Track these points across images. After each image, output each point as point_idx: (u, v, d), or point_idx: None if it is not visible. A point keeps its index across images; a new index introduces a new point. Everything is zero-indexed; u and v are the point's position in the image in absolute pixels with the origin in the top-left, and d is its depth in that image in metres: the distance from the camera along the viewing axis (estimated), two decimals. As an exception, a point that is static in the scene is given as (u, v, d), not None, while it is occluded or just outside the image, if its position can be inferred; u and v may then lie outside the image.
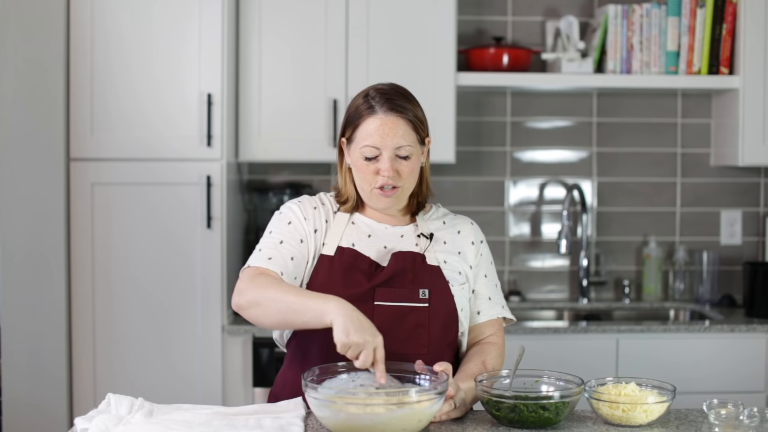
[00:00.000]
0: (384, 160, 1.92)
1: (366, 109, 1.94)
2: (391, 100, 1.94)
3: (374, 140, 1.92)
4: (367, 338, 1.72)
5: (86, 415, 1.74)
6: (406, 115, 1.94)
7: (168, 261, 3.18)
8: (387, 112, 1.92)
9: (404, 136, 1.93)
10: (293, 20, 3.38)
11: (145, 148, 3.17)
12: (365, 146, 1.93)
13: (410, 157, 1.95)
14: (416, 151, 1.96)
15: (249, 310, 1.87)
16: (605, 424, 1.80)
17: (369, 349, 1.72)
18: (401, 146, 1.92)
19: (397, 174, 1.93)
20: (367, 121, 1.93)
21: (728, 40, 3.52)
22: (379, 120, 1.92)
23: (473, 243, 2.06)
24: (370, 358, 1.72)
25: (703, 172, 3.82)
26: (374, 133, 1.92)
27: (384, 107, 1.93)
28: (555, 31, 3.63)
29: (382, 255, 1.97)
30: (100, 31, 3.15)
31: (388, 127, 1.92)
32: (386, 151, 1.92)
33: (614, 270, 3.82)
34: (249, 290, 1.87)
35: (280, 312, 1.82)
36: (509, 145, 3.78)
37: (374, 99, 1.94)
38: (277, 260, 1.93)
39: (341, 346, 1.73)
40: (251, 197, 3.66)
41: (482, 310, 2.05)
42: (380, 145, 1.92)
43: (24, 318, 3.14)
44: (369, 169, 1.94)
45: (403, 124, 1.93)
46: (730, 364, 3.27)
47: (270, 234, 1.99)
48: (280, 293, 1.83)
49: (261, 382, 3.19)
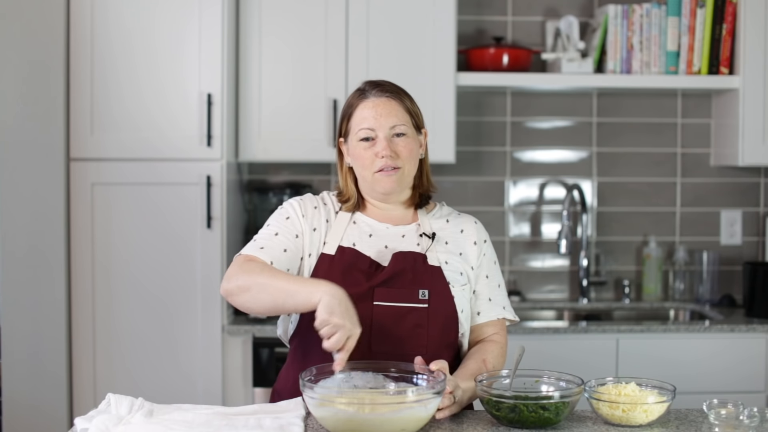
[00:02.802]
0: (380, 140, 1.96)
1: (358, 98, 2.01)
2: (382, 86, 2.01)
3: (369, 122, 1.96)
4: (347, 324, 1.74)
5: (86, 415, 1.74)
6: (399, 99, 1.99)
7: (168, 261, 3.18)
8: (379, 95, 1.99)
9: (398, 116, 1.98)
10: (293, 20, 3.38)
11: (145, 148, 3.17)
12: (361, 129, 1.97)
13: (406, 135, 1.98)
14: (412, 133, 2.00)
15: (238, 296, 1.87)
16: (605, 424, 1.80)
17: (343, 333, 1.73)
18: (395, 125, 1.97)
19: (395, 154, 1.96)
20: (360, 107, 1.99)
21: (728, 40, 3.52)
22: (371, 102, 1.98)
23: (476, 243, 2.06)
24: (340, 343, 1.73)
25: (703, 172, 3.82)
26: (369, 116, 1.97)
27: (375, 91, 1.99)
28: (555, 31, 3.63)
29: (383, 255, 1.97)
30: (100, 31, 3.15)
31: (381, 108, 1.97)
32: (381, 131, 1.96)
33: (614, 270, 3.82)
34: (238, 275, 1.87)
35: (271, 295, 1.83)
36: (509, 145, 3.78)
37: (365, 88, 2.01)
38: (269, 250, 1.95)
39: (320, 321, 1.74)
40: (251, 197, 3.66)
41: (482, 311, 2.05)
42: (375, 125, 1.96)
43: (24, 318, 3.14)
44: (367, 154, 1.97)
45: (396, 105, 1.98)
46: (730, 364, 3.27)
47: (267, 227, 2.02)
48: (270, 278, 1.84)
49: (261, 382, 3.19)
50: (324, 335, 1.75)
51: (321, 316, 1.74)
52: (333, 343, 1.74)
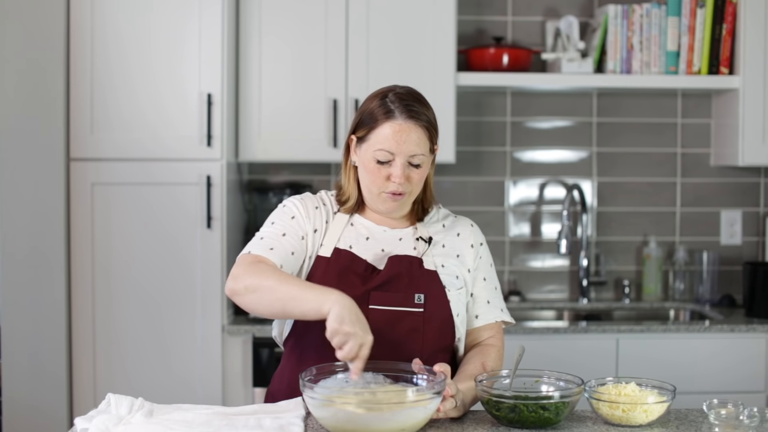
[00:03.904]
0: (397, 166, 1.91)
1: (384, 113, 1.92)
2: (410, 107, 1.92)
3: (390, 145, 1.90)
4: (358, 332, 1.72)
5: (86, 415, 1.74)
6: (423, 122, 1.92)
7: (168, 261, 3.18)
8: (406, 119, 1.91)
9: (419, 145, 1.91)
10: (293, 20, 3.38)
11: (145, 148, 3.17)
12: (380, 150, 1.91)
13: (421, 165, 1.94)
14: (427, 161, 1.96)
15: (245, 296, 1.84)
16: (605, 424, 1.80)
17: (355, 343, 1.71)
18: (415, 154, 1.92)
19: (406, 181, 1.93)
20: (384, 125, 1.91)
21: (728, 40, 3.52)
22: (397, 126, 1.90)
23: (472, 246, 2.05)
24: (354, 351, 1.71)
25: (703, 172, 3.82)
26: (391, 138, 1.90)
27: (403, 114, 1.91)
28: (555, 31, 3.63)
29: (380, 258, 1.96)
30: (100, 31, 3.15)
31: (405, 134, 1.90)
32: (400, 158, 1.91)
33: (614, 270, 3.82)
34: (247, 276, 1.84)
35: (279, 300, 1.80)
36: (509, 145, 3.78)
37: (393, 103, 1.92)
38: (279, 252, 1.92)
39: (331, 331, 1.72)
40: (251, 197, 3.66)
41: (480, 314, 2.04)
42: (395, 150, 1.91)
43: (24, 318, 3.14)
44: (380, 173, 1.93)
45: (419, 131, 1.92)
46: (730, 364, 3.27)
47: (273, 225, 1.98)
48: (279, 282, 1.81)
49: (261, 382, 3.19)
50: (335, 345, 1.73)
51: (331, 326, 1.72)
52: (346, 352, 1.71)
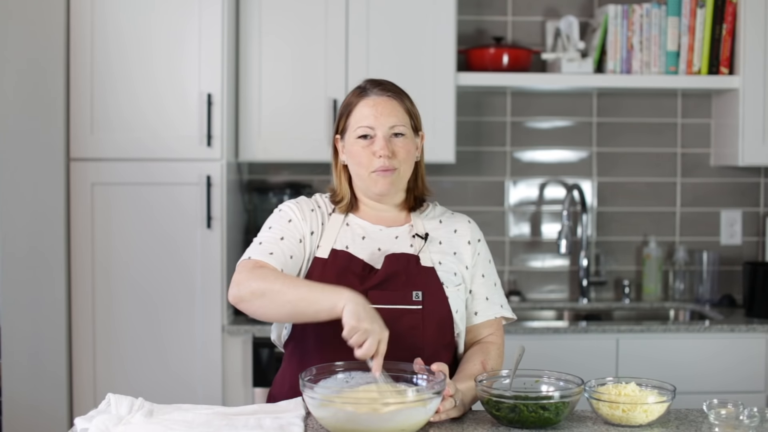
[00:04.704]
0: (379, 138, 1.94)
1: (357, 95, 1.99)
2: (383, 85, 2.00)
3: (369, 120, 1.95)
4: (376, 328, 1.72)
5: (86, 415, 1.74)
6: (399, 99, 1.99)
7: (168, 261, 3.18)
8: (380, 94, 1.98)
9: (398, 116, 1.97)
10: (293, 20, 3.38)
11: (145, 148, 3.17)
12: (360, 127, 1.96)
13: (405, 136, 1.97)
14: (410, 134, 1.99)
15: (252, 302, 1.82)
16: (605, 424, 1.80)
17: (374, 339, 1.71)
18: (395, 125, 1.96)
19: (392, 154, 1.95)
20: (360, 104, 1.97)
21: (728, 40, 3.52)
22: (372, 101, 1.97)
23: (470, 242, 2.05)
24: (374, 348, 1.71)
25: (703, 172, 3.82)
26: (369, 114, 1.96)
27: (376, 90, 1.98)
28: (555, 31, 3.63)
29: (376, 257, 1.96)
30: (100, 31, 3.15)
31: (381, 107, 1.96)
32: (381, 130, 1.95)
33: (614, 270, 3.82)
34: (251, 281, 1.82)
35: (289, 302, 1.79)
36: (509, 145, 3.78)
37: (366, 86, 2.00)
38: (279, 256, 1.91)
39: (349, 329, 1.71)
40: (251, 197, 3.66)
41: (480, 310, 2.04)
42: (374, 124, 1.95)
43: (24, 318, 3.14)
44: (365, 152, 1.95)
45: (396, 104, 1.98)
46: (730, 364, 3.27)
47: (270, 229, 1.98)
48: (286, 285, 1.81)
49: (261, 382, 3.19)
50: (354, 343, 1.72)
51: (349, 323, 1.71)
52: (366, 349, 1.71)
